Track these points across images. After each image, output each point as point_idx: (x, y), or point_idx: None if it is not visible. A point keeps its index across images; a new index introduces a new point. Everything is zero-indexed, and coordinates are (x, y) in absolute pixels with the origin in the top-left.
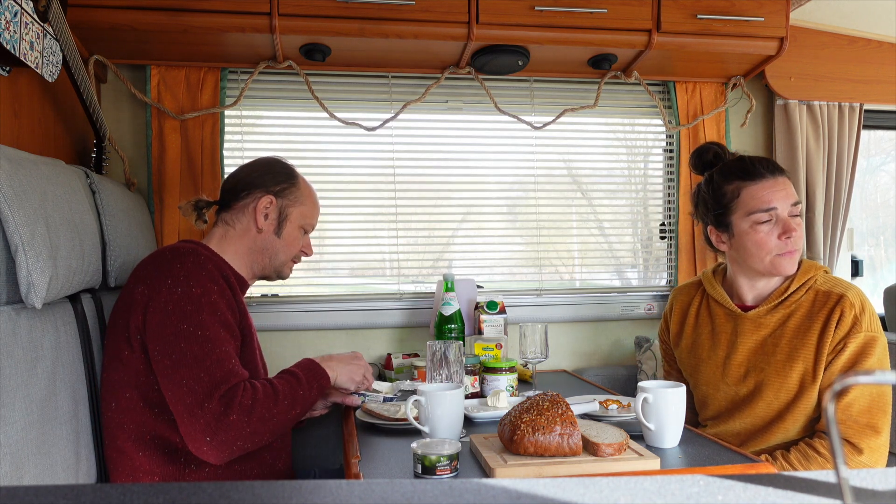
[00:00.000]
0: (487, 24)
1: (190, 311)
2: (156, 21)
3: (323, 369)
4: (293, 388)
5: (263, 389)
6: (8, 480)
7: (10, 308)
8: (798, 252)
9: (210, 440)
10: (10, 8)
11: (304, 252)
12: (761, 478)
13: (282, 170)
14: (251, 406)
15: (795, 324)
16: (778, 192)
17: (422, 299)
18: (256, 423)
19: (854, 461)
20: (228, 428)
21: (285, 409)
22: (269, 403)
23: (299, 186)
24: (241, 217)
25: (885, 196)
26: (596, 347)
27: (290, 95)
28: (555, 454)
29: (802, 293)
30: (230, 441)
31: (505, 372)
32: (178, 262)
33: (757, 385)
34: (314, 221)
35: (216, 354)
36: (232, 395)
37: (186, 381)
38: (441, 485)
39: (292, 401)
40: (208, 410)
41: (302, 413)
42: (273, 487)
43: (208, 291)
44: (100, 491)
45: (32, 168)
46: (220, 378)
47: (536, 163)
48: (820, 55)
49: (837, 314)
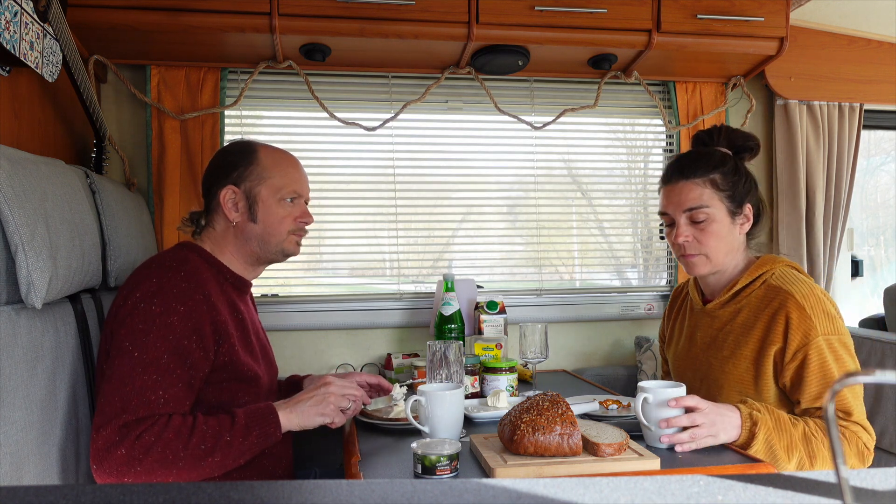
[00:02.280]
0: (487, 24)
1: (139, 330)
2: (156, 21)
3: (275, 416)
4: (220, 432)
5: (177, 429)
6: (8, 480)
7: (10, 308)
8: (700, 256)
9: (96, 468)
10: (10, 8)
11: (303, 221)
12: (761, 478)
13: (236, 152)
14: (151, 444)
15: (742, 319)
16: (672, 198)
17: (422, 299)
18: (152, 462)
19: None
20: (114, 461)
21: (198, 454)
22: (175, 446)
23: (258, 162)
24: (216, 217)
25: (885, 196)
26: (596, 347)
27: (290, 95)
28: (555, 454)
29: (755, 287)
30: (115, 475)
31: (505, 372)
32: (154, 276)
33: (714, 380)
34: (296, 187)
35: (141, 381)
36: (132, 428)
37: (103, 397)
38: (441, 485)
39: (211, 447)
40: (102, 437)
41: (227, 461)
42: (273, 487)
43: (169, 311)
44: (100, 491)
45: (32, 168)
46: (132, 406)
47: (536, 163)
48: (820, 55)
49: (783, 316)
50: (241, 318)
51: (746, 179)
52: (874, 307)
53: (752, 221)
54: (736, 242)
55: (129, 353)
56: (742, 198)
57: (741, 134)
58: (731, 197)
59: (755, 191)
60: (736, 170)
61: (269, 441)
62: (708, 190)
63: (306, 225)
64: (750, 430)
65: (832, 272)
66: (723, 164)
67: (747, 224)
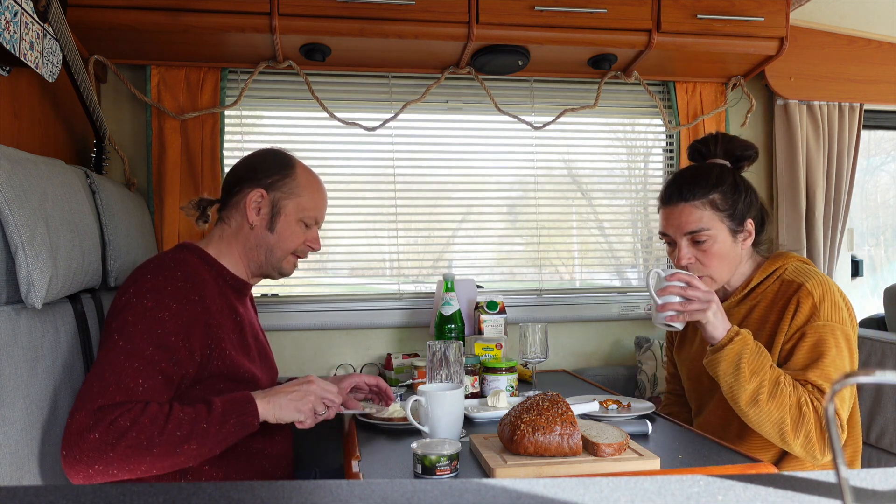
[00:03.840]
0: (487, 24)
1: (128, 321)
2: (156, 21)
3: (253, 405)
4: (196, 419)
5: (153, 415)
6: (8, 480)
7: (10, 308)
8: (705, 277)
9: (66, 454)
10: (10, 8)
11: (310, 247)
12: (761, 478)
13: (275, 160)
14: (126, 428)
15: (758, 315)
16: (672, 221)
17: (422, 299)
18: (125, 448)
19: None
20: (86, 445)
21: (174, 441)
22: (152, 430)
23: (295, 177)
24: (234, 214)
25: (885, 196)
26: (596, 347)
27: (290, 95)
28: (555, 454)
29: (769, 283)
30: (86, 461)
31: (505, 372)
32: (150, 275)
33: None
34: (316, 214)
35: (121, 368)
36: (107, 412)
37: (84, 385)
38: (441, 485)
39: (188, 434)
40: (76, 421)
41: (203, 449)
42: (273, 487)
43: (160, 307)
44: (100, 491)
45: (32, 168)
46: (109, 392)
47: (536, 163)
48: (820, 55)
49: (794, 303)
50: (240, 320)
51: (746, 195)
52: (874, 307)
53: (756, 232)
54: (739, 258)
55: (114, 343)
56: (743, 215)
57: (739, 143)
58: (731, 216)
59: (756, 203)
60: (735, 187)
61: (246, 430)
62: (708, 212)
63: (311, 251)
64: (731, 336)
65: (832, 272)
66: (721, 182)
67: (750, 238)
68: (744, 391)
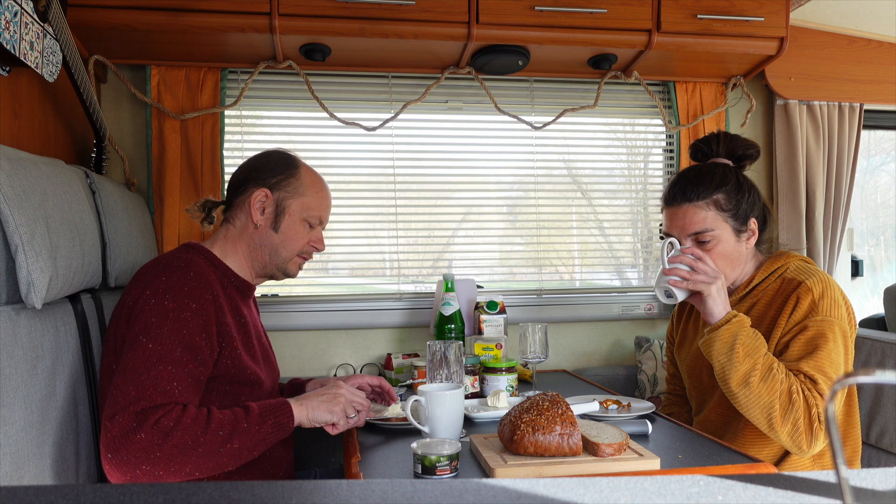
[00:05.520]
0: (487, 24)
1: (153, 323)
2: (156, 21)
3: (288, 407)
4: (237, 420)
5: (195, 415)
6: (8, 480)
7: (10, 308)
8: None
9: (111, 457)
10: (10, 8)
11: (315, 247)
12: (761, 478)
13: (279, 161)
14: (171, 428)
15: (758, 311)
16: (675, 222)
17: (422, 299)
18: (172, 448)
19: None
20: (133, 446)
21: (218, 440)
22: (195, 430)
23: (299, 177)
24: (239, 214)
25: (885, 196)
26: (596, 347)
27: (290, 95)
28: (555, 454)
29: (770, 282)
30: (133, 462)
31: (505, 372)
32: (164, 275)
33: None
34: (321, 214)
35: (156, 371)
36: (150, 413)
37: (116, 389)
38: (441, 485)
39: (230, 433)
40: (117, 423)
41: (245, 449)
42: (273, 487)
43: (182, 307)
44: (100, 491)
45: (32, 168)
46: (147, 394)
47: (536, 163)
48: (820, 55)
49: (794, 299)
50: (244, 321)
51: (749, 194)
52: (874, 307)
53: (759, 231)
54: (743, 257)
55: (143, 346)
56: (746, 214)
57: (741, 142)
58: (735, 216)
59: (759, 202)
60: (738, 187)
61: (283, 432)
62: (712, 212)
63: (315, 251)
64: (729, 318)
65: (832, 272)
66: (724, 182)
67: (753, 238)
68: (736, 371)
